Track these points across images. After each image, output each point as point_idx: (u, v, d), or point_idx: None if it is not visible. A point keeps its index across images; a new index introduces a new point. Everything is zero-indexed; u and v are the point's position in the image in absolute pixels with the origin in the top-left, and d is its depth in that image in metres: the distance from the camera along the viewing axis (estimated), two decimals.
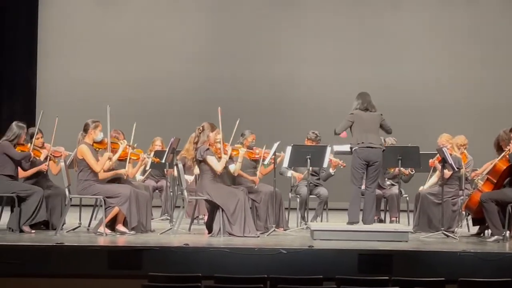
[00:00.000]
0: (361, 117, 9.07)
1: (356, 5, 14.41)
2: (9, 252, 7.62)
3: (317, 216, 10.39)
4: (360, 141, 9.01)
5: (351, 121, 9.08)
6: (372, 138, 9.03)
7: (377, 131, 9.13)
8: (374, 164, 9.03)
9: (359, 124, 9.06)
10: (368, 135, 9.02)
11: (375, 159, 9.02)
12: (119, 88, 14.16)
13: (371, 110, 9.12)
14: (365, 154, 8.99)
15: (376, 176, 9.18)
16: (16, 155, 9.12)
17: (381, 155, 9.08)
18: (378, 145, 9.06)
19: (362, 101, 9.14)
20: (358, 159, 9.01)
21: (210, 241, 8.61)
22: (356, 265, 7.57)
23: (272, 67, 14.29)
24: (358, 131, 9.05)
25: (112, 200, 8.95)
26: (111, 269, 7.54)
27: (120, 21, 14.34)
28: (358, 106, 9.13)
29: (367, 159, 8.99)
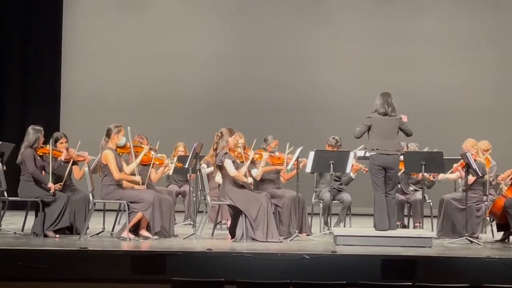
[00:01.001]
0: (378, 122, 8.97)
1: (379, 9, 14.38)
2: (33, 257, 7.66)
3: (340, 221, 10.36)
4: (375, 147, 8.93)
5: (368, 125, 9.01)
6: (388, 145, 8.93)
7: (394, 136, 9.00)
8: (391, 171, 8.96)
9: (376, 129, 8.96)
10: (384, 141, 8.92)
11: (391, 166, 8.94)
12: (142, 92, 14.20)
13: (391, 114, 9.00)
14: (381, 161, 8.92)
15: (395, 183, 9.12)
16: (31, 169, 9.14)
17: (397, 162, 9.01)
18: (394, 151, 8.96)
19: (382, 103, 9.02)
20: (373, 165, 8.95)
21: (233, 246, 8.61)
22: (380, 270, 7.54)
23: (293, 70, 14.28)
24: (374, 136, 8.97)
25: (136, 205, 8.98)
26: (135, 273, 7.56)
27: (142, 25, 14.40)
28: (377, 109, 9.03)
29: (383, 165, 8.92)
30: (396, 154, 8.97)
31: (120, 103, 14.02)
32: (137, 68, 14.30)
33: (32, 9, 14.18)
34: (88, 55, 14.37)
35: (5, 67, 14.12)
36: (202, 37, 14.36)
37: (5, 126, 13.87)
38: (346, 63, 14.30)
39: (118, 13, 14.45)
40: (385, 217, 8.98)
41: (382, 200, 8.97)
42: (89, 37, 14.39)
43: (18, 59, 14.14)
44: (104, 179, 9.10)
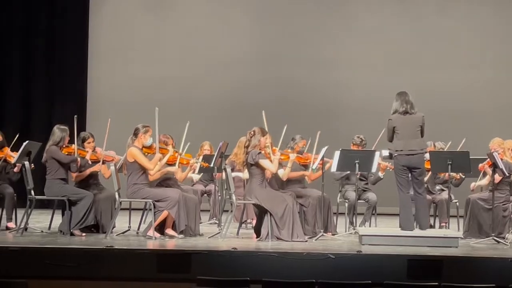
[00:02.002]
0: (400, 122, 8.88)
1: (404, 9, 14.33)
2: (60, 255, 7.71)
3: (365, 221, 10.33)
4: (399, 148, 8.86)
5: (392, 127, 8.93)
6: (412, 144, 8.85)
7: (417, 134, 8.91)
8: (416, 170, 8.89)
9: (399, 129, 8.88)
10: (408, 141, 8.85)
11: (416, 166, 8.87)
12: (168, 91, 14.26)
13: (411, 112, 8.91)
14: (405, 161, 8.86)
15: (422, 182, 9.06)
16: (64, 159, 9.24)
17: (423, 161, 8.94)
18: (419, 150, 8.88)
19: (400, 102, 8.94)
20: (398, 165, 8.89)
21: (258, 245, 8.61)
22: (405, 270, 7.51)
23: (317, 71, 14.27)
24: (398, 137, 8.89)
25: (161, 204, 9.01)
26: (160, 272, 7.59)
27: (168, 24, 14.46)
28: (396, 109, 8.96)
29: (408, 165, 8.86)
30: (421, 153, 8.91)
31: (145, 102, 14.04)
32: (162, 67, 14.35)
33: (58, 9, 14.28)
34: (114, 54, 14.45)
35: (32, 67, 14.23)
36: (227, 37, 14.38)
37: (32, 126, 13.99)
38: (370, 63, 14.26)
39: (143, 13, 14.51)
40: (411, 217, 8.94)
41: (407, 200, 8.93)
42: (115, 37, 14.46)
43: (44, 59, 14.25)
44: (130, 178, 9.14)
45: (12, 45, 14.18)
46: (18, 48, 14.18)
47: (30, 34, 14.23)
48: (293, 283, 6.44)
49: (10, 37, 14.19)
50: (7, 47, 14.18)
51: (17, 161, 9.67)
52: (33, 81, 14.23)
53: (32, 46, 14.21)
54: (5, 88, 14.19)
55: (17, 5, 14.22)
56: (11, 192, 9.91)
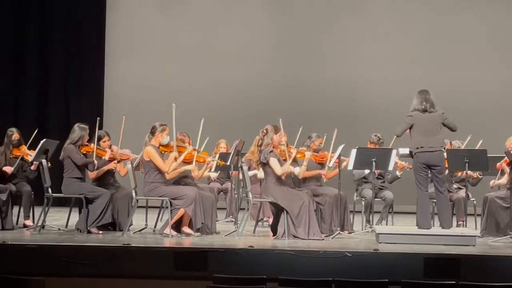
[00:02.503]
0: (420, 119, 8.86)
1: (421, 7, 14.28)
2: (77, 253, 7.74)
3: (382, 219, 10.30)
4: (419, 145, 8.83)
5: (410, 123, 8.92)
6: (432, 141, 8.83)
7: (437, 132, 8.89)
8: (437, 167, 8.86)
9: (418, 126, 8.86)
10: (428, 138, 8.83)
11: (436, 163, 8.84)
12: (184, 90, 14.27)
13: (430, 110, 8.89)
14: (425, 158, 8.83)
15: (443, 179, 9.02)
16: (78, 160, 9.26)
17: (443, 158, 8.91)
18: (438, 147, 8.86)
19: (420, 100, 8.92)
20: (418, 163, 8.86)
21: (274, 243, 8.61)
22: (422, 269, 7.49)
23: (335, 69, 14.24)
24: (417, 134, 8.87)
25: (178, 202, 9.02)
26: (177, 270, 7.60)
27: (185, 23, 14.47)
28: (416, 107, 8.94)
29: (427, 163, 8.83)
30: (441, 150, 8.88)
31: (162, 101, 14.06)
32: (179, 66, 14.37)
33: (75, 6, 14.32)
34: (131, 52, 14.47)
35: (49, 65, 14.28)
36: (242, 35, 14.37)
37: (49, 124, 14.04)
38: (388, 61, 14.21)
39: (160, 11, 14.53)
40: (428, 216, 8.91)
41: (425, 199, 8.89)
42: (132, 35, 14.49)
43: (61, 57, 14.29)
44: (146, 176, 9.15)
45: (29, 43, 14.23)
46: (35, 46, 14.24)
47: (47, 32, 14.28)
48: (310, 281, 6.43)
49: (27, 34, 14.24)
50: (24, 45, 14.24)
51: (35, 159, 9.71)
52: (50, 79, 14.28)
53: (49, 44, 14.26)
54: (22, 86, 14.25)
55: (34, 3, 14.27)
56: (28, 190, 9.96)
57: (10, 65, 14.22)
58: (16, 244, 8.01)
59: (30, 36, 14.24)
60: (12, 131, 10.11)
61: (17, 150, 9.98)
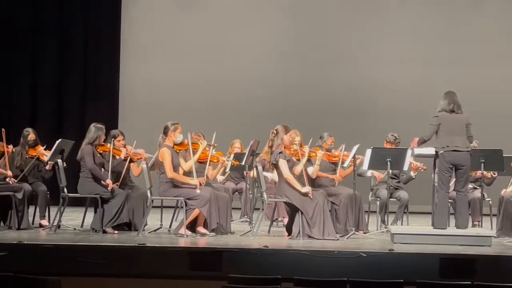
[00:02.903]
0: (447, 120, 8.86)
1: (437, 7, 14.23)
2: (92, 252, 7.77)
3: (397, 219, 10.27)
4: (445, 145, 8.81)
5: (437, 124, 8.90)
6: (458, 141, 8.81)
7: (463, 133, 8.89)
8: (462, 168, 8.82)
9: (445, 126, 8.85)
10: (454, 138, 8.81)
11: (462, 163, 8.80)
12: (200, 90, 14.28)
13: (458, 111, 8.90)
14: (451, 158, 8.79)
15: (466, 180, 8.98)
16: (89, 164, 9.27)
17: (468, 158, 8.86)
18: (464, 148, 8.85)
19: (448, 101, 8.92)
20: (444, 163, 8.81)
21: (289, 243, 8.61)
22: (438, 269, 7.47)
23: (351, 69, 14.22)
24: (444, 134, 8.85)
25: (193, 202, 9.04)
26: (192, 270, 7.61)
27: (201, 24, 14.47)
28: (444, 107, 8.93)
29: (453, 162, 8.80)
30: (467, 151, 8.86)
31: (177, 100, 14.11)
32: (195, 65, 14.37)
33: (91, 7, 14.37)
34: (146, 52, 14.49)
35: (64, 65, 14.33)
36: (259, 35, 14.37)
37: (64, 124, 14.09)
38: (403, 61, 14.17)
39: (176, 10, 14.54)
40: (445, 216, 8.87)
41: (444, 199, 8.86)
42: (148, 34, 14.51)
43: (77, 57, 14.34)
44: (162, 176, 9.17)
45: (45, 43, 14.29)
46: (51, 46, 14.29)
47: (63, 32, 14.32)
48: (325, 282, 6.43)
49: (43, 35, 14.30)
50: (40, 45, 14.30)
51: (50, 159, 9.75)
52: (66, 79, 14.32)
53: (65, 45, 14.30)
54: (39, 86, 14.31)
55: (51, 4, 14.33)
56: (44, 190, 10.00)
57: (27, 66, 14.28)
58: (32, 244, 8.04)
59: (47, 37, 14.28)
60: (28, 131, 10.15)
61: (33, 150, 10.02)
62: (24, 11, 14.23)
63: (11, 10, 14.09)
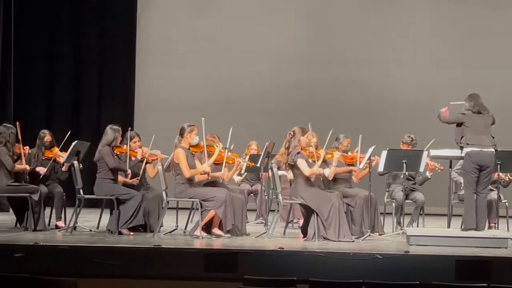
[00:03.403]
0: (473, 120, 8.84)
1: (453, 6, 14.19)
2: (108, 254, 7.78)
3: (413, 221, 10.24)
4: (471, 142, 8.78)
5: (461, 119, 8.86)
6: (485, 140, 8.80)
7: (489, 133, 8.88)
8: (487, 168, 8.81)
9: (471, 125, 8.83)
10: (482, 137, 8.80)
11: (487, 164, 8.78)
12: (215, 91, 14.32)
13: (484, 112, 8.89)
14: (478, 158, 8.76)
15: (488, 181, 8.97)
16: (111, 164, 9.31)
17: (493, 159, 8.84)
18: (490, 145, 8.82)
19: (474, 103, 8.90)
20: (471, 163, 8.79)
21: (305, 245, 8.60)
22: (454, 271, 7.43)
23: (366, 70, 14.21)
24: (470, 132, 8.82)
25: (208, 203, 9.04)
26: (207, 271, 7.61)
27: (217, 24, 14.51)
28: (469, 108, 8.90)
29: (480, 163, 8.77)
30: (492, 149, 8.83)
31: (192, 102, 14.13)
32: (209, 68, 14.41)
33: (107, 10, 14.42)
34: (161, 54, 14.54)
35: (81, 66, 14.40)
36: (275, 37, 14.38)
37: (81, 125, 14.14)
38: (420, 62, 14.16)
39: (192, 11, 14.58)
40: (474, 217, 8.84)
41: (472, 200, 8.83)
42: (163, 37, 14.57)
43: (93, 59, 14.41)
44: (177, 178, 9.19)
45: (62, 46, 14.35)
46: (67, 48, 14.36)
47: (80, 35, 14.41)
48: (340, 283, 6.41)
49: (59, 37, 14.37)
50: (56, 47, 14.38)
51: (66, 160, 9.80)
52: (83, 82, 14.39)
53: (81, 49, 14.38)
54: (56, 89, 14.38)
55: (67, 6, 14.39)
56: (60, 191, 10.04)
57: (44, 68, 14.36)
58: (48, 245, 8.07)
59: (64, 41, 14.36)
60: (44, 133, 10.21)
61: (49, 151, 10.07)
62: (42, 19, 14.31)
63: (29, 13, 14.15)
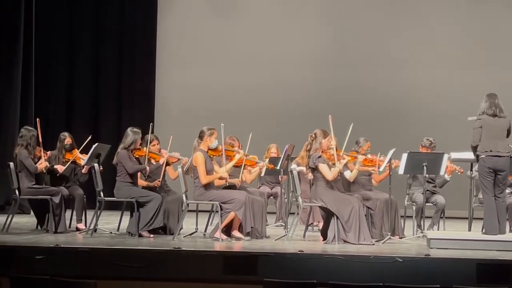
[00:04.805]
0: (488, 123, 8.77)
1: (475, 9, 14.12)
2: (128, 256, 7.81)
3: (433, 224, 10.19)
4: (487, 149, 8.72)
5: (480, 127, 8.80)
6: (500, 146, 8.73)
7: (504, 137, 8.80)
8: (502, 173, 8.74)
9: (486, 130, 8.76)
10: (497, 142, 8.72)
11: (502, 168, 8.72)
12: (235, 95, 14.32)
13: (500, 115, 8.80)
14: (492, 163, 8.71)
15: (505, 186, 8.89)
16: (130, 169, 9.33)
17: (509, 164, 8.77)
18: (505, 153, 8.74)
19: (489, 104, 8.81)
20: (484, 168, 8.74)
21: (324, 248, 8.58)
22: (475, 275, 7.39)
23: (385, 72, 14.16)
24: (485, 138, 8.75)
25: (228, 206, 9.05)
26: (227, 274, 7.62)
27: (237, 29, 14.52)
28: (485, 111, 8.84)
29: (494, 167, 8.71)
30: (508, 156, 8.77)
31: (212, 105, 14.15)
32: (229, 71, 14.42)
33: (127, 13, 14.47)
34: (181, 57, 14.57)
35: (101, 70, 14.45)
36: (294, 40, 14.36)
37: (101, 128, 14.19)
38: (439, 64, 14.09)
39: (211, 16, 14.59)
40: (495, 221, 8.75)
41: (492, 204, 8.77)
42: (183, 40, 14.59)
43: (113, 62, 14.45)
44: (196, 181, 9.19)
45: (82, 49, 14.42)
46: (87, 51, 14.42)
47: (100, 38, 14.46)
48: (360, 286, 6.39)
49: (80, 40, 14.44)
50: (77, 51, 14.44)
51: (87, 163, 9.84)
52: (103, 86, 14.44)
53: (102, 52, 14.43)
54: (76, 92, 14.44)
55: (87, 10, 14.46)
56: (81, 194, 10.09)
57: (64, 72, 14.43)
58: (69, 247, 8.12)
59: (84, 45, 14.42)
60: (64, 135, 10.26)
61: (69, 154, 10.12)
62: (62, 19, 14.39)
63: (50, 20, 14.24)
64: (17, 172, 9.55)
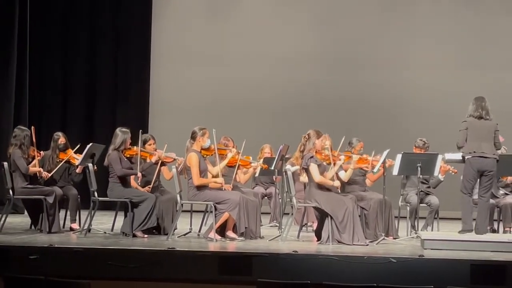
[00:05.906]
0: (474, 125, 8.87)
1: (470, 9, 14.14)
2: (122, 256, 7.80)
3: (427, 225, 10.20)
4: (472, 150, 8.80)
5: (465, 129, 8.89)
6: (486, 147, 8.80)
7: (491, 139, 8.88)
8: (488, 174, 8.82)
9: (472, 132, 8.85)
10: (481, 144, 8.80)
11: (488, 169, 8.81)
12: (230, 95, 14.32)
13: (486, 117, 8.88)
14: (478, 164, 8.78)
15: (490, 186, 8.96)
16: (118, 171, 9.32)
17: (495, 165, 8.85)
18: (491, 154, 8.83)
19: (476, 107, 8.91)
20: (470, 169, 8.81)
21: (319, 248, 8.59)
22: (469, 275, 7.40)
23: (382, 71, 14.17)
24: (470, 139, 8.85)
25: (222, 206, 9.05)
26: (221, 274, 7.62)
27: (231, 28, 14.51)
28: (471, 113, 8.92)
29: (480, 169, 8.80)
30: (494, 157, 8.82)
31: (206, 105, 14.15)
32: (223, 71, 14.42)
33: (122, 13, 14.46)
34: (176, 57, 14.56)
35: (96, 69, 14.44)
36: (289, 40, 14.36)
37: (96, 128, 14.18)
38: (435, 64, 14.10)
39: (205, 16, 14.59)
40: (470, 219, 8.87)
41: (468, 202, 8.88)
42: (178, 40, 14.58)
43: (108, 61, 14.44)
44: (190, 181, 9.19)
45: (77, 48, 14.41)
46: (82, 51, 14.41)
47: (95, 38, 14.45)
48: (354, 287, 6.40)
49: (74, 40, 14.43)
50: (72, 50, 14.43)
51: (81, 163, 9.83)
52: (97, 86, 14.43)
53: (96, 53, 14.42)
54: (71, 93, 14.43)
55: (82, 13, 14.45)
56: (75, 194, 10.08)
57: (59, 71, 14.42)
58: (63, 247, 8.11)
59: (79, 45, 14.41)
60: (58, 135, 10.25)
61: (63, 154, 10.11)
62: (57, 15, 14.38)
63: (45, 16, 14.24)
64: (11, 172, 9.54)
